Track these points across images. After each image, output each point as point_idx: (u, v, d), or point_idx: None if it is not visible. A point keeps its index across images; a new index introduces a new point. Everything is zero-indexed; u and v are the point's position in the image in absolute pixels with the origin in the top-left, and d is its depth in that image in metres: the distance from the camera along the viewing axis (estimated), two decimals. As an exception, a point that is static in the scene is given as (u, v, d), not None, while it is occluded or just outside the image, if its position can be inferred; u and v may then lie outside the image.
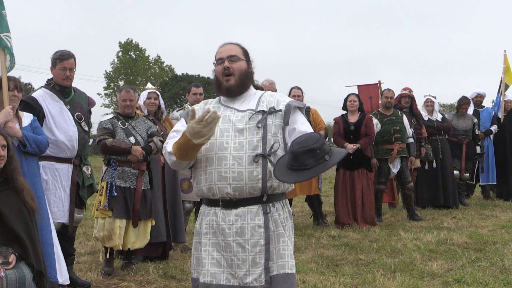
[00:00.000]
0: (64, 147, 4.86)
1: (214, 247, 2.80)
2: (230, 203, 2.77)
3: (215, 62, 2.94)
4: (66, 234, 5.03)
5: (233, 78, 2.88)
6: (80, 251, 6.44)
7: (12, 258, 3.49)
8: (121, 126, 5.56)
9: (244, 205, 2.77)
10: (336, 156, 2.64)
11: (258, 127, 2.78)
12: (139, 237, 5.55)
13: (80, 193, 5.01)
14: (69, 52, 4.98)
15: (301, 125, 2.86)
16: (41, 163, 4.76)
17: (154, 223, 5.72)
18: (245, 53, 2.97)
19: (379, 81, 10.21)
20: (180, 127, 2.95)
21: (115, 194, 5.36)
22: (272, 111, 2.83)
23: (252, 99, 2.92)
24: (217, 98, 3.03)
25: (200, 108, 2.98)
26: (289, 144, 2.78)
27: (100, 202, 5.36)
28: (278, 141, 2.80)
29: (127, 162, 5.49)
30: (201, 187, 2.83)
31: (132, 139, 5.51)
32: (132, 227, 5.49)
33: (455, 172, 9.86)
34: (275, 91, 7.40)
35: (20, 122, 4.49)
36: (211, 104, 2.99)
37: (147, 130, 5.71)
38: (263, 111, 2.82)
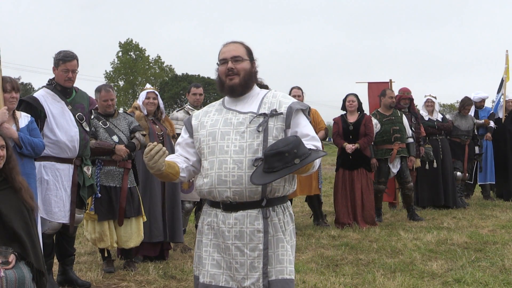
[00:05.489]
0: (65, 148, 4.86)
1: (215, 248, 2.82)
2: (230, 206, 2.77)
3: (218, 62, 2.90)
4: (67, 234, 5.04)
5: (237, 77, 2.84)
6: (80, 251, 6.44)
7: (12, 257, 3.49)
8: (103, 126, 5.57)
9: (243, 209, 2.76)
10: (307, 159, 2.62)
11: (259, 131, 2.75)
12: (132, 236, 5.57)
13: (80, 193, 5.01)
14: (72, 54, 4.96)
15: (303, 128, 2.83)
16: (42, 163, 4.78)
17: (145, 219, 5.73)
18: (249, 53, 2.92)
19: (391, 80, 10.19)
20: (180, 140, 3.00)
21: (99, 195, 5.38)
22: (274, 114, 2.79)
23: (255, 100, 2.88)
24: (221, 100, 3.00)
25: (202, 111, 3.00)
26: None
27: (88, 204, 5.37)
28: None
29: (112, 161, 5.52)
30: (202, 190, 2.83)
31: (115, 138, 5.53)
32: (123, 226, 5.52)
33: (458, 173, 9.85)
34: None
35: (16, 123, 4.49)
36: (214, 107, 2.98)
37: (129, 126, 5.72)
38: (264, 114, 2.78)
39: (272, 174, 2.59)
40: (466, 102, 10.19)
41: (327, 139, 14.34)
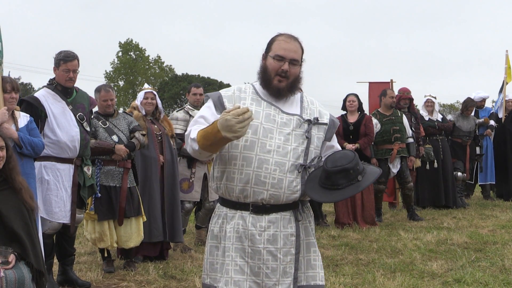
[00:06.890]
0: (65, 148, 4.86)
1: (237, 252, 2.63)
2: (262, 209, 2.63)
3: (272, 55, 2.69)
4: (67, 234, 5.05)
5: (286, 81, 2.69)
6: (80, 251, 6.44)
7: (11, 257, 3.49)
8: (102, 125, 5.58)
9: (277, 211, 2.64)
10: (369, 176, 2.59)
11: (307, 137, 2.66)
12: (132, 236, 5.57)
13: (81, 193, 5.01)
14: (73, 54, 4.97)
15: (336, 143, 2.82)
16: (42, 163, 4.79)
17: (145, 219, 5.74)
18: (302, 55, 2.78)
19: (391, 80, 10.20)
20: (209, 114, 2.67)
21: (99, 195, 5.39)
22: (318, 122, 2.72)
23: (294, 102, 2.76)
24: (252, 87, 2.78)
25: (234, 95, 2.73)
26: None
27: (88, 204, 5.37)
28: (318, 154, 2.70)
29: (112, 161, 5.52)
30: (232, 187, 2.62)
31: (115, 138, 5.54)
32: (123, 226, 5.52)
33: (459, 174, 9.87)
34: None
35: (16, 123, 4.50)
36: (246, 93, 2.74)
37: (129, 126, 5.73)
38: (309, 120, 2.70)
39: (337, 191, 2.54)
40: (469, 103, 10.20)
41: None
